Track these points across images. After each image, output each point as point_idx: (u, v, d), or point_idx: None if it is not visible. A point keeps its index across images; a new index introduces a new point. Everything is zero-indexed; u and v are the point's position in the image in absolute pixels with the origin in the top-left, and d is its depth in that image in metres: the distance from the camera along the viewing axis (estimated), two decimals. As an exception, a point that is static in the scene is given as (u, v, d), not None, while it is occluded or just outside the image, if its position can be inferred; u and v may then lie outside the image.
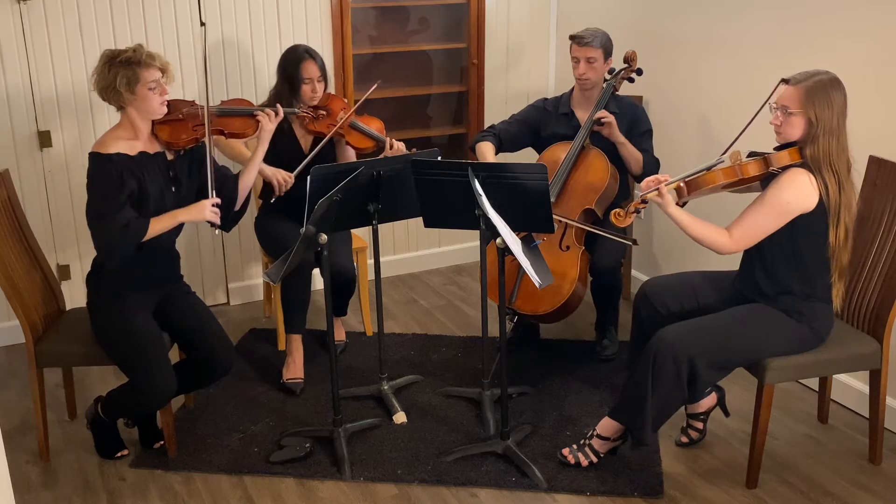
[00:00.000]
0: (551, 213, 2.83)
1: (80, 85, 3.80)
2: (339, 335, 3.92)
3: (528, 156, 3.93)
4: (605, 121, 3.54)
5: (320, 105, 3.58)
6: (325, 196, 2.77)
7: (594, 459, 2.96)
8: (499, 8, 4.65)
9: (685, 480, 2.94)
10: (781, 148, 2.69)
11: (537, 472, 2.91)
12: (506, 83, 4.79)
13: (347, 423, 3.16)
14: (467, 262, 4.93)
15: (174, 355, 3.05)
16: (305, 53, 3.52)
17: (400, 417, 3.28)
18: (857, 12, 3.13)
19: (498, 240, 2.76)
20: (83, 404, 3.30)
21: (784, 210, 2.64)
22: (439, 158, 3.04)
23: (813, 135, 2.60)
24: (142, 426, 3.16)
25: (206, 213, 2.90)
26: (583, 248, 3.52)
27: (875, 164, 2.95)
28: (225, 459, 3.06)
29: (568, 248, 3.52)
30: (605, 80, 3.70)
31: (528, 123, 3.82)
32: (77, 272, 4.03)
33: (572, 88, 3.76)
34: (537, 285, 2.62)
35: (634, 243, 3.40)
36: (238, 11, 4.05)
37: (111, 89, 2.83)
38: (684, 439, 3.13)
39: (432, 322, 4.20)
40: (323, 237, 2.87)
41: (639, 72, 3.73)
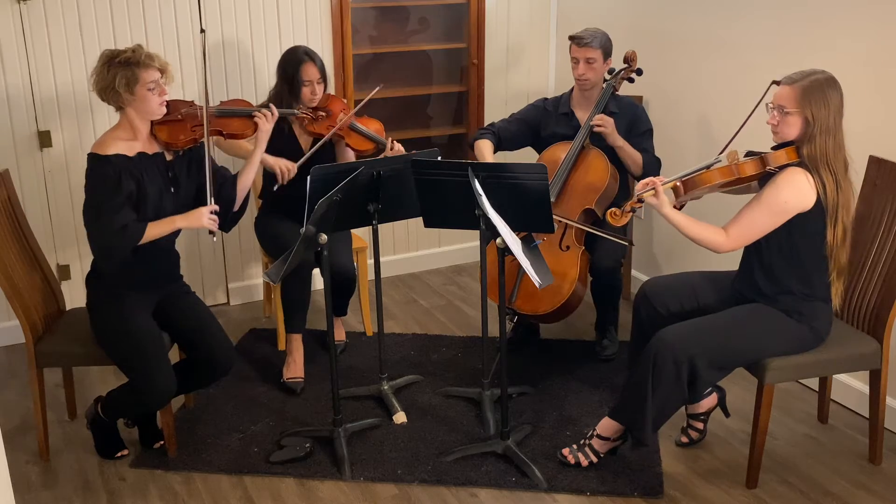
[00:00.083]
0: (551, 213, 2.83)
1: (80, 85, 3.80)
2: (339, 335, 3.92)
3: (528, 155, 3.93)
4: (600, 128, 3.52)
5: (320, 106, 3.57)
6: (325, 196, 2.77)
7: (594, 459, 2.96)
8: (499, 8, 4.65)
9: (685, 480, 2.94)
10: (778, 147, 2.70)
11: (537, 472, 2.91)
12: (506, 83, 4.79)
13: (347, 423, 3.16)
14: (467, 262, 4.93)
15: (174, 355, 3.05)
16: (305, 56, 3.51)
17: (400, 417, 3.28)
18: (857, 12, 3.13)
19: (498, 240, 2.76)
20: (83, 404, 3.30)
21: (781, 209, 2.64)
22: (439, 158, 3.03)
23: (810, 134, 2.60)
24: (142, 426, 3.16)
25: (204, 221, 2.89)
26: (583, 248, 3.52)
27: (875, 164, 2.95)
28: (225, 459, 3.06)
29: (568, 248, 3.52)
30: (605, 80, 3.69)
31: (528, 123, 3.82)
32: (77, 272, 4.03)
33: (572, 88, 3.76)
34: (537, 285, 2.62)
35: (630, 244, 3.39)
36: (238, 11, 4.05)
37: (110, 90, 2.82)
38: (684, 439, 3.13)
39: (432, 322, 4.20)
40: (323, 237, 2.87)
41: (639, 72, 3.72)
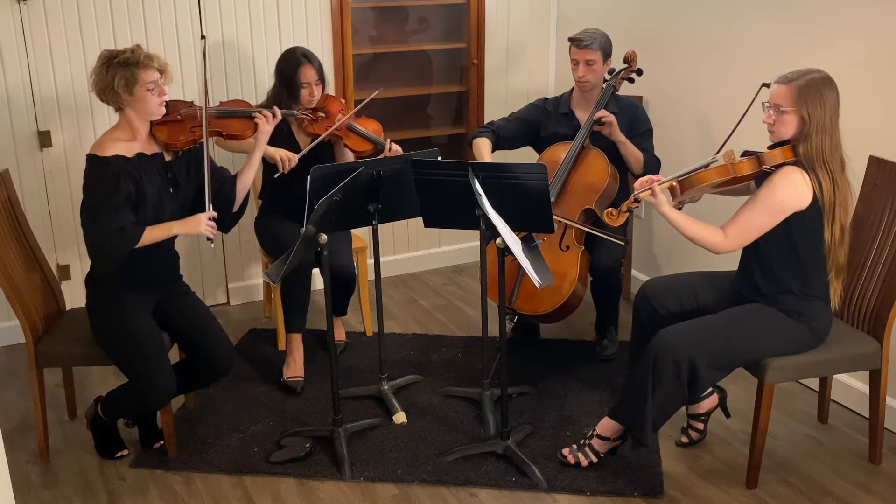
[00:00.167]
0: (551, 213, 2.83)
1: (80, 85, 3.80)
2: (339, 335, 3.92)
3: (528, 155, 3.93)
4: (606, 120, 3.54)
5: (319, 107, 3.57)
6: (325, 196, 2.77)
7: (594, 459, 2.96)
8: (499, 8, 4.65)
9: (685, 480, 2.94)
10: (774, 147, 2.70)
11: (537, 472, 2.91)
12: (506, 83, 4.79)
13: (347, 423, 3.16)
14: (467, 262, 4.93)
15: (174, 355, 3.05)
16: (303, 58, 3.51)
17: (400, 417, 3.28)
18: (857, 12, 3.13)
19: (498, 240, 2.75)
20: (83, 404, 3.30)
21: (778, 208, 2.64)
22: (439, 158, 3.03)
23: (806, 133, 2.60)
24: (142, 426, 3.16)
25: (202, 228, 2.88)
26: (583, 248, 3.52)
27: (875, 164, 2.95)
28: (225, 459, 3.06)
29: (568, 248, 3.52)
30: (605, 81, 3.69)
31: (528, 122, 3.81)
32: (77, 272, 4.03)
33: (572, 88, 3.76)
34: (537, 285, 2.61)
35: (627, 244, 3.40)
36: (238, 11, 4.05)
37: (109, 90, 2.82)
38: (684, 440, 3.13)
39: (432, 322, 4.19)
40: (323, 237, 2.87)
41: (639, 72, 3.72)
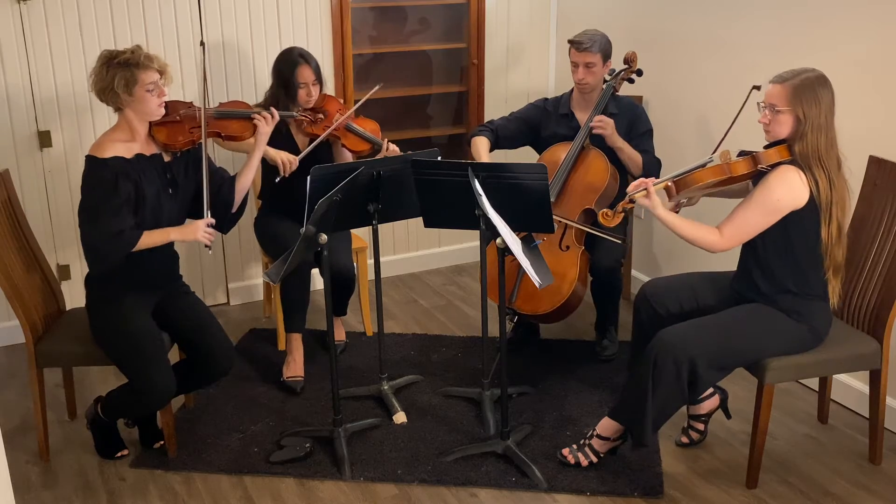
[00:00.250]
0: (551, 213, 2.83)
1: (80, 85, 3.80)
2: (339, 335, 3.92)
3: (528, 155, 3.93)
4: (598, 129, 3.52)
5: (317, 107, 3.57)
6: (325, 196, 2.77)
7: (594, 459, 2.96)
8: (499, 8, 4.65)
9: (685, 480, 2.94)
10: (770, 146, 2.70)
11: (537, 472, 2.91)
12: (506, 83, 4.79)
13: (347, 423, 3.16)
14: (467, 262, 4.93)
15: (174, 355, 3.05)
16: (300, 58, 3.50)
17: (400, 417, 3.28)
18: (857, 13, 3.13)
19: (498, 240, 2.76)
20: (83, 404, 3.30)
21: (774, 207, 2.64)
22: (439, 158, 3.03)
23: (801, 132, 2.61)
24: (142, 426, 3.16)
25: (199, 235, 2.88)
26: (582, 248, 3.52)
27: (875, 164, 2.95)
28: (225, 459, 3.06)
29: (568, 248, 3.52)
30: (605, 81, 3.69)
31: (528, 122, 3.81)
32: (77, 272, 4.03)
33: (572, 89, 3.75)
34: (537, 285, 2.61)
35: (624, 242, 3.40)
36: (238, 12, 4.05)
37: (109, 90, 2.81)
38: (685, 440, 3.13)
39: (432, 322, 4.19)
40: (323, 237, 2.87)
41: (639, 72, 3.72)
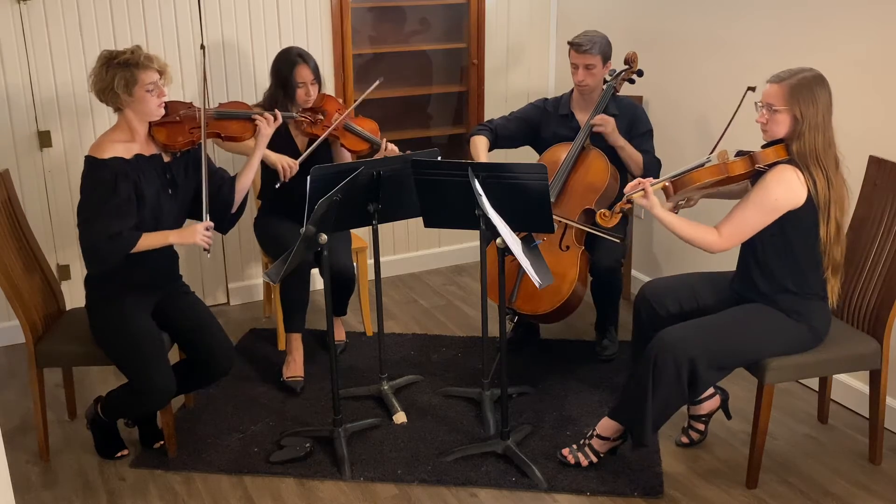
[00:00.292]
0: (551, 214, 2.83)
1: (80, 85, 3.80)
2: (339, 335, 3.92)
3: (528, 155, 3.93)
4: (599, 128, 3.53)
5: (315, 107, 3.57)
6: (325, 196, 2.77)
7: (594, 459, 2.96)
8: (499, 8, 4.65)
9: (685, 480, 2.94)
10: (768, 146, 2.70)
11: (537, 472, 2.91)
12: (506, 83, 4.79)
13: (347, 423, 3.16)
14: (467, 262, 4.93)
15: (174, 355, 3.05)
16: (298, 57, 3.51)
17: (400, 417, 3.28)
18: (857, 13, 3.13)
19: (498, 240, 2.76)
20: (83, 404, 3.30)
21: (772, 206, 2.65)
22: (439, 158, 3.03)
23: (799, 131, 2.61)
24: (142, 426, 3.16)
25: (197, 238, 2.86)
26: (582, 248, 3.52)
27: (875, 164, 2.95)
28: (225, 459, 3.06)
29: (568, 248, 3.52)
30: (606, 82, 3.69)
31: (528, 122, 3.81)
32: (77, 272, 4.03)
33: (572, 89, 3.75)
34: (537, 285, 2.61)
35: (622, 241, 3.40)
36: (238, 12, 4.05)
37: (108, 91, 2.81)
38: (685, 440, 3.13)
39: (432, 322, 4.19)
40: (323, 237, 2.87)
41: (639, 73, 3.72)
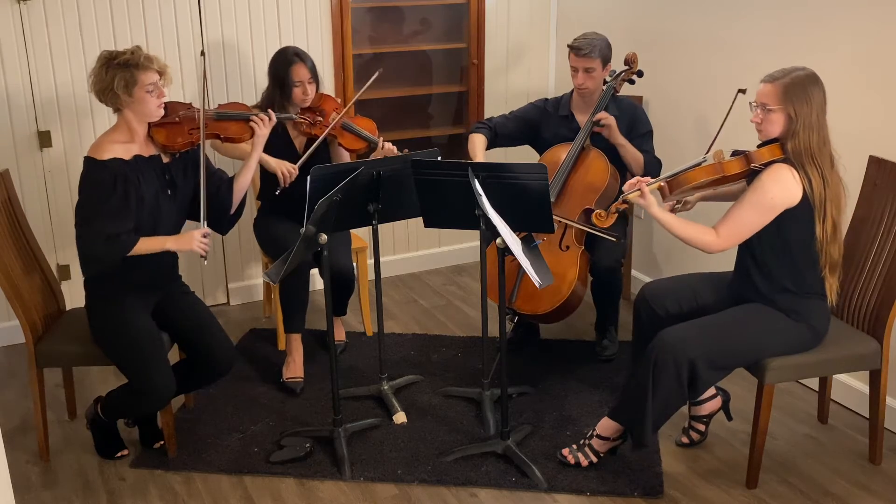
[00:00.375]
0: (551, 213, 2.83)
1: (80, 85, 3.80)
2: (339, 335, 3.92)
3: (528, 155, 3.93)
4: (605, 122, 3.54)
5: (313, 106, 3.57)
6: (325, 196, 2.77)
7: (594, 459, 2.96)
8: (499, 8, 4.65)
9: (685, 480, 2.94)
10: (763, 145, 2.70)
11: (537, 472, 2.91)
12: (506, 83, 4.79)
13: (347, 423, 3.16)
14: (467, 262, 4.93)
15: (174, 355, 3.05)
16: (295, 56, 3.50)
17: (400, 417, 3.28)
18: (857, 13, 3.13)
19: (498, 240, 2.76)
20: (83, 404, 3.30)
21: (769, 205, 2.65)
22: (439, 158, 3.03)
23: (793, 130, 2.61)
24: (142, 426, 3.16)
25: (194, 245, 2.86)
26: (582, 248, 3.52)
27: (875, 164, 2.95)
28: (225, 459, 3.06)
29: (568, 248, 3.52)
30: (606, 83, 3.69)
31: (527, 121, 3.81)
32: (77, 272, 3.99)
33: (572, 90, 3.75)
34: (537, 285, 2.61)
35: (618, 239, 3.41)
36: (238, 12, 4.05)
37: (108, 91, 2.81)
38: (685, 440, 3.13)
39: (432, 322, 4.19)
40: (323, 237, 2.87)
41: (639, 73, 3.72)
